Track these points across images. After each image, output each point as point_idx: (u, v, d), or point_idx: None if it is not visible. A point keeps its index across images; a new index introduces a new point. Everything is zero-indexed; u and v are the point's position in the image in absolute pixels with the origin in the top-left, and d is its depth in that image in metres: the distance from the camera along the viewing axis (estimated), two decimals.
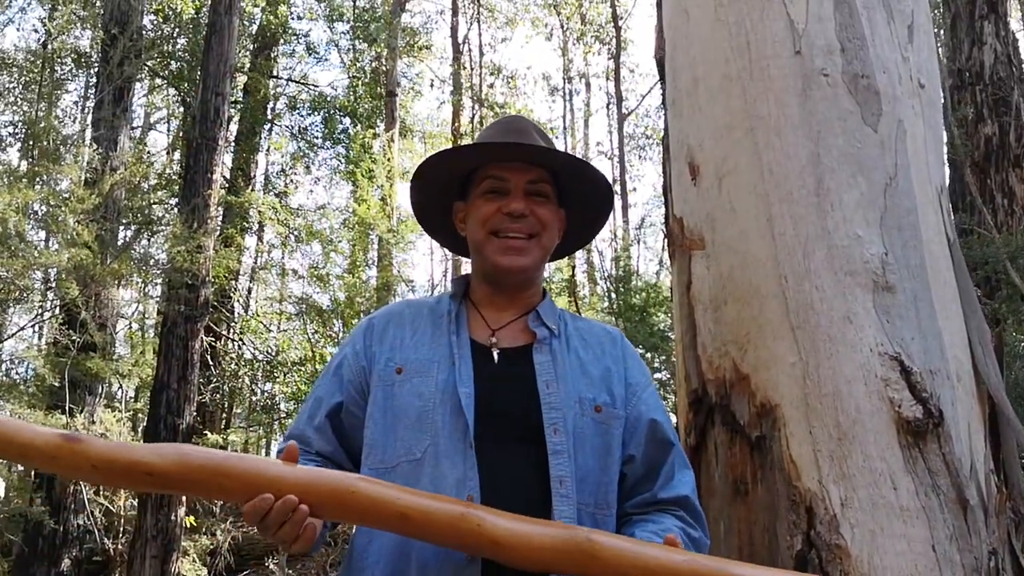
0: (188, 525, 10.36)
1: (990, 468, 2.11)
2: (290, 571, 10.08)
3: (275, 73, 16.90)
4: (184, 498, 9.91)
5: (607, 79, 23.50)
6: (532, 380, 1.80)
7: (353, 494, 1.52)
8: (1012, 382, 3.28)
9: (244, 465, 1.54)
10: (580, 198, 2.02)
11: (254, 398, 14.95)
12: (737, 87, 2.37)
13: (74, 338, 9.15)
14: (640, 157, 23.43)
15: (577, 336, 1.94)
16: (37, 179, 9.16)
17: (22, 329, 9.85)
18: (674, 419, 2.40)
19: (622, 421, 1.83)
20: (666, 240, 2.63)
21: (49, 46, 12.80)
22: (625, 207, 20.58)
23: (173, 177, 14.16)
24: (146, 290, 13.93)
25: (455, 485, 1.67)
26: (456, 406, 1.74)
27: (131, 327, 16.23)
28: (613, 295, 12.44)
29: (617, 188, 20.98)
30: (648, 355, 9.75)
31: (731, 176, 2.33)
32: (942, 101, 3.09)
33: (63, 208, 8.35)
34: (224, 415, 15.08)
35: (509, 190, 1.88)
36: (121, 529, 10.78)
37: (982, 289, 4.65)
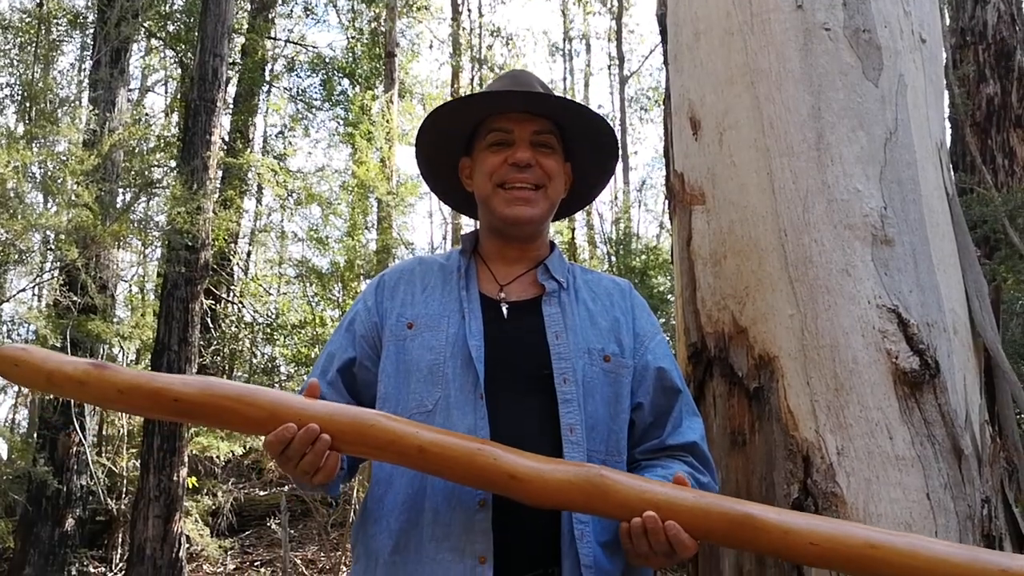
0: (190, 486, 10.44)
1: (985, 419, 2.14)
2: (292, 531, 10.18)
3: (273, 34, 16.77)
4: (186, 459, 9.99)
5: (608, 40, 23.33)
6: (541, 332, 1.83)
7: (373, 427, 1.56)
8: (1008, 339, 3.30)
9: (268, 396, 1.58)
10: (585, 151, 2.03)
11: (254, 361, 15.00)
12: (738, 41, 2.36)
13: (75, 299, 9.16)
14: (641, 119, 23.35)
15: (586, 288, 1.96)
16: (35, 141, 9.12)
17: (23, 290, 9.86)
18: None
19: (631, 370, 1.86)
20: (667, 199, 2.63)
21: (45, 7, 12.69)
22: (626, 169, 20.53)
23: (172, 140, 14.10)
24: (146, 252, 13.93)
25: (466, 434, 1.70)
26: (467, 359, 1.77)
27: (131, 290, 16.24)
28: (613, 258, 12.44)
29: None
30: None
31: (732, 130, 2.34)
32: (944, 57, 3.08)
33: (62, 169, 8.33)
34: (225, 377, 15.13)
35: (514, 141, 1.89)
36: (124, 490, 10.86)
37: (982, 249, 4.67)
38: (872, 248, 2.12)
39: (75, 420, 9.80)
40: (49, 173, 8.79)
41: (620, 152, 2.08)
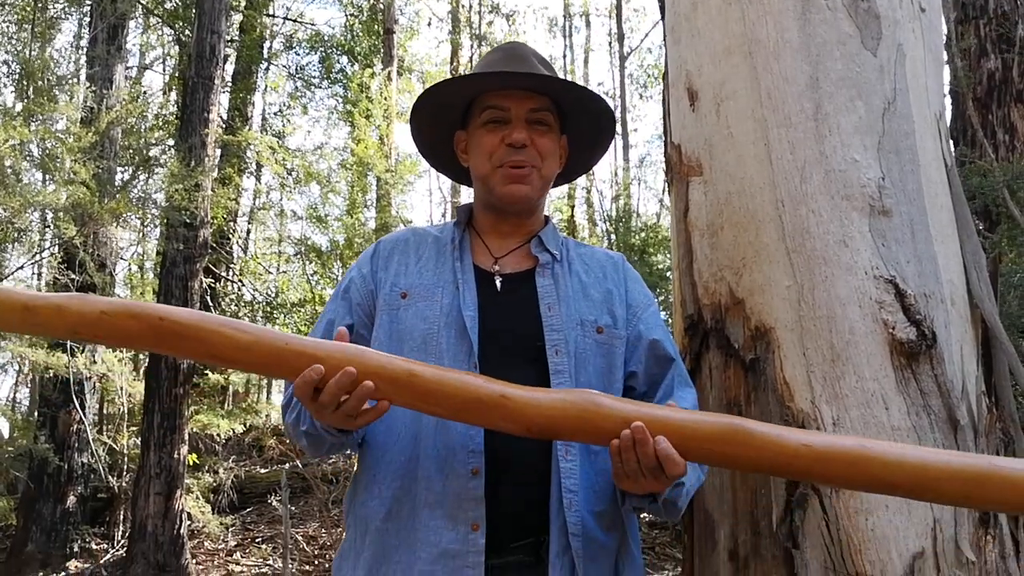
0: (191, 463, 10.48)
1: (981, 390, 2.13)
2: (292, 507, 10.22)
3: (271, 11, 16.67)
4: (186, 436, 10.01)
5: (608, 16, 23.21)
6: (534, 303, 1.83)
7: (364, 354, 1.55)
8: (1006, 312, 3.29)
9: (259, 329, 1.55)
10: (582, 124, 2.02)
11: None
12: (736, 10, 2.34)
13: (73, 277, 9.16)
14: (641, 96, 23.23)
15: (579, 261, 1.96)
16: (32, 118, 9.08)
17: (21, 268, 9.84)
18: None
19: (624, 341, 1.87)
20: (665, 170, 2.62)
21: None
22: (626, 147, 20.46)
23: (170, 118, 14.05)
24: (145, 231, 13.90)
25: None
26: (460, 329, 1.77)
27: (131, 269, 16.24)
28: (613, 235, 12.43)
29: (618, 128, 20.82)
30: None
31: (729, 101, 2.32)
32: (944, 28, 3.05)
33: (59, 146, 8.30)
34: None
35: (510, 119, 1.89)
36: (125, 467, 10.89)
37: (982, 223, 4.65)
38: (870, 219, 2.11)
39: (75, 398, 9.82)
40: (47, 151, 8.76)
41: (616, 124, 2.07)
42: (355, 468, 1.89)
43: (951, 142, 2.42)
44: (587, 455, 1.76)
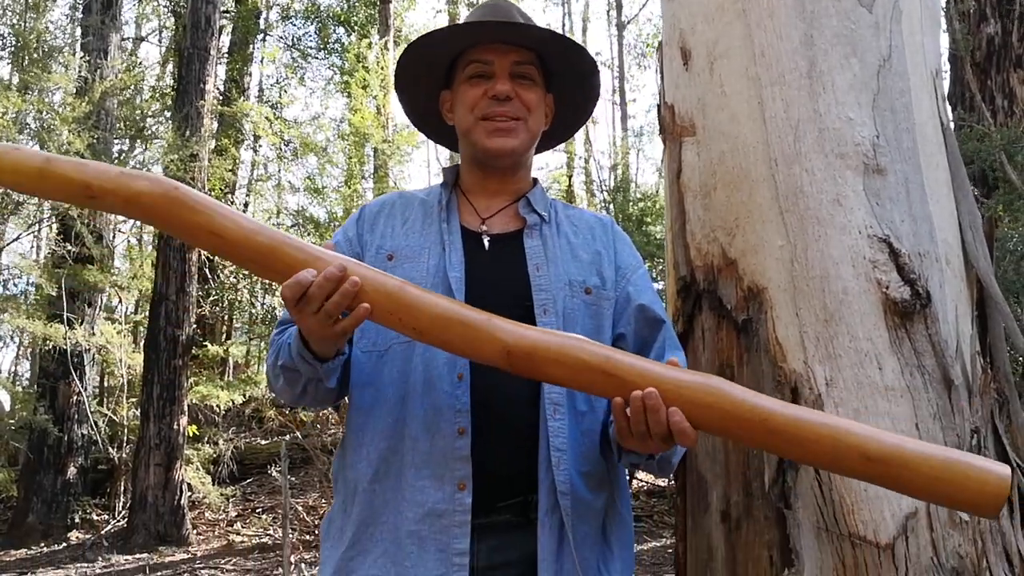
0: (191, 435, 10.51)
1: (976, 350, 2.12)
2: (292, 478, 10.27)
3: None
4: (186, 407, 10.04)
5: None
6: (522, 264, 1.81)
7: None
8: (1001, 276, 3.27)
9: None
10: (567, 81, 1.99)
11: (254, 311, 15.02)
12: None
13: (70, 249, 9.14)
14: (640, 66, 23.08)
15: (568, 222, 1.94)
16: (28, 89, 9.03)
17: (17, 239, 9.82)
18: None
19: (612, 302, 1.85)
20: (659, 132, 2.59)
21: None
22: (624, 117, 20.37)
23: (167, 91, 13.97)
24: None
25: (446, 364, 1.70)
26: (447, 289, 1.75)
27: (129, 241, 16.21)
28: (611, 205, 12.38)
29: (616, 98, 20.71)
30: (647, 264, 9.75)
31: (723, 59, 2.29)
32: None
33: (55, 117, 8.24)
34: (225, 328, 15.18)
35: (494, 73, 1.86)
36: (125, 439, 10.93)
37: (980, 189, 4.62)
38: (864, 177, 2.08)
39: (74, 370, 9.83)
40: (43, 123, 8.71)
41: (600, 79, 2.04)
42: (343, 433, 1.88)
43: (948, 103, 2.38)
44: (574, 416, 1.75)
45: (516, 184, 1.95)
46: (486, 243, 1.85)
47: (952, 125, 2.35)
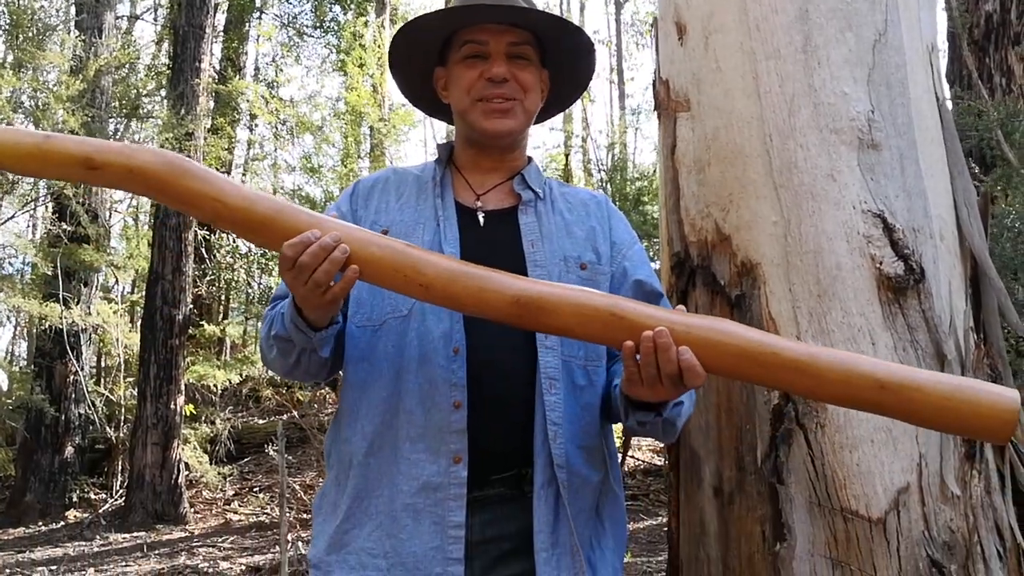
0: (188, 414, 10.53)
1: (970, 325, 2.11)
2: (290, 457, 10.29)
3: None
4: (183, 387, 10.05)
5: None
6: (517, 240, 1.81)
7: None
8: (999, 254, 3.27)
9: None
10: (563, 57, 1.98)
11: (250, 291, 15.02)
12: None
13: (66, 228, 9.12)
14: (638, 45, 22.94)
15: (562, 200, 1.94)
16: (23, 68, 8.98)
17: (12, 218, 9.79)
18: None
19: (608, 277, 1.85)
20: (654, 107, 2.58)
21: None
22: (622, 96, 20.31)
23: (163, 70, 13.90)
24: None
25: (441, 338, 1.69)
26: None
27: (125, 220, 16.18)
28: (608, 185, 12.36)
29: (614, 76, 20.63)
30: (645, 245, 9.75)
31: (717, 34, 2.27)
32: None
33: (48, 96, 8.20)
34: (221, 307, 15.17)
35: (489, 54, 1.84)
36: (122, 418, 10.96)
37: (978, 167, 4.60)
38: (858, 152, 2.07)
39: (70, 349, 9.83)
40: (38, 102, 8.67)
41: (596, 59, 2.03)
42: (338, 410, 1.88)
43: (944, 79, 2.37)
44: (571, 390, 1.74)
45: (511, 162, 1.94)
46: (481, 219, 1.85)
47: (949, 103, 2.33)
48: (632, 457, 10.38)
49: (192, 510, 9.94)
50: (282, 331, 1.70)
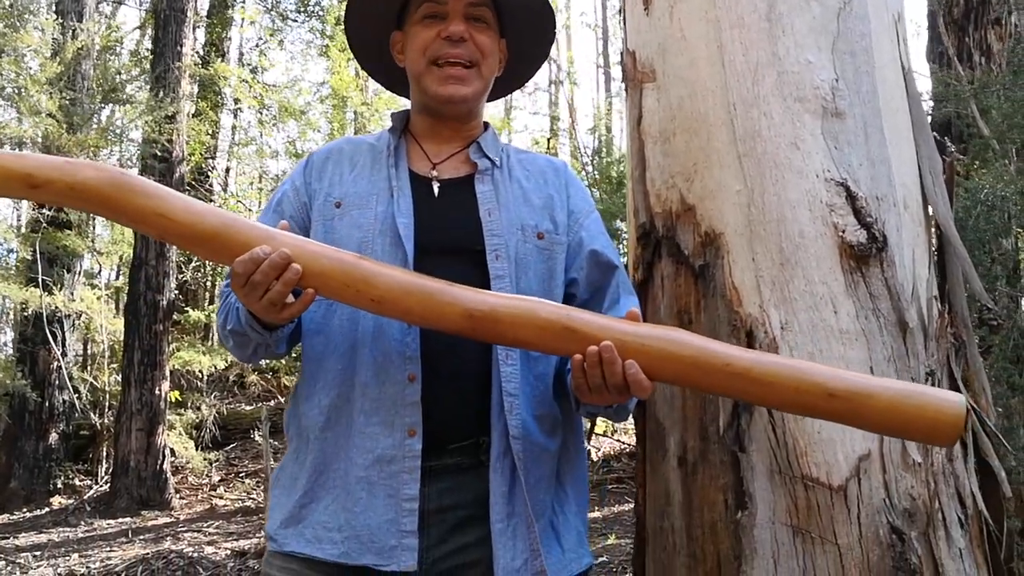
0: (173, 400, 10.50)
1: (933, 294, 2.11)
2: (275, 442, 10.28)
3: None
4: (167, 373, 10.02)
5: None
6: (474, 209, 1.79)
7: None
8: (972, 226, 3.27)
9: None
10: (521, 26, 1.97)
11: None
12: None
13: (46, 212, 9.06)
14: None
15: (520, 167, 1.92)
16: (2, 53, 8.90)
17: None
18: (625, 260, 2.39)
19: (564, 247, 1.84)
20: (622, 79, 2.57)
21: None
22: (608, 80, 20.25)
23: (146, 55, 13.80)
24: (123, 167, 13.74)
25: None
26: (395, 237, 1.73)
27: None
28: (590, 167, 12.33)
29: (600, 60, 20.58)
30: (624, 225, 9.72)
31: (682, 3, 2.25)
32: None
33: (26, 79, 8.13)
34: (207, 294, 15.13)
35: (447, 14, 1.83)
36: (107, 404, 10.92)
37: (955, 145, 4.60)
38: (822, 121, 2.06)
39: (53, 336, 9.78)
40: (17, 88, 8.59)
41: (556, 23, 2.02)
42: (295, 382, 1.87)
43: (908, 47, 2.36)
44: (527, 360, 1.74)
45: (468, 130, 1.93)
46: (436, 189, 1.83)
47: (917, 74, 2.32)
48: (618, 440, 10.40)
49: (178, 496, 9.93)
50: (238, 327, 1.69)
